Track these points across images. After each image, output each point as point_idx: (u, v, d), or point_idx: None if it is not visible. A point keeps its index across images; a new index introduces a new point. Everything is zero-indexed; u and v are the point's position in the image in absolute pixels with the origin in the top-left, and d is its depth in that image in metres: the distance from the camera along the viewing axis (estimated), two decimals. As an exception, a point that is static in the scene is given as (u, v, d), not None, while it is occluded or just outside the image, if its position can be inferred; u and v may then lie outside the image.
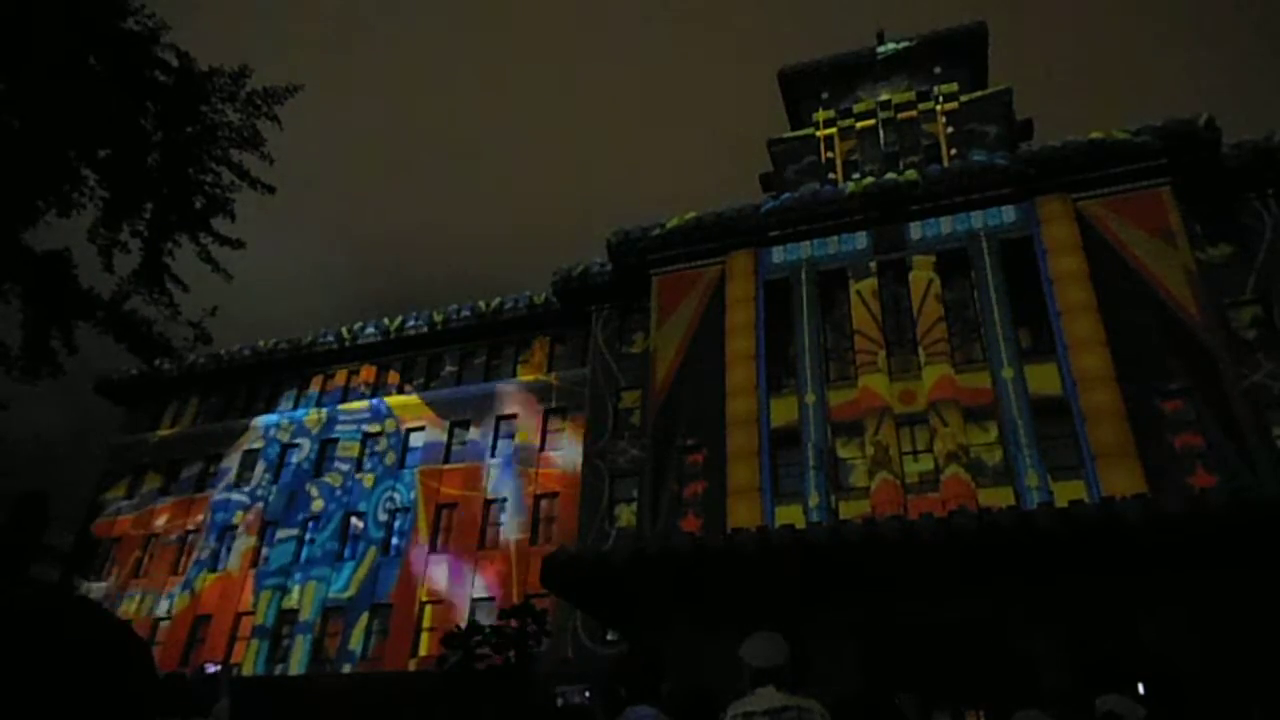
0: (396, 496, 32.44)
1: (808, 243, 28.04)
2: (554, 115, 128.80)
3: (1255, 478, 19.78)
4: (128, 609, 32.49)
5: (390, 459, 33.60)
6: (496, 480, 31.30)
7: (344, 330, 37.28)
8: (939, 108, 30.04)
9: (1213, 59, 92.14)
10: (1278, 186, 25.04)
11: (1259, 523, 14.23)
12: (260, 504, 34.52)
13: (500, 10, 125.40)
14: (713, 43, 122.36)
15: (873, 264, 27.06)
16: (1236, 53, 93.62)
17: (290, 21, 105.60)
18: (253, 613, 31.76)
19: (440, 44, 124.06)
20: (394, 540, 31.59)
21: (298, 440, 35.73)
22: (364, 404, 35.57)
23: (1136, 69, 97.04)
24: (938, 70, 30.99)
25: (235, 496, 35.20)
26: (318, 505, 33.49)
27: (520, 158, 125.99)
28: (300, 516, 33.51)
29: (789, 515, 23.22)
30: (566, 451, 30.60)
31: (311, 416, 36.15)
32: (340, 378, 37.13)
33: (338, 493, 33.49)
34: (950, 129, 29.45)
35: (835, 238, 27.77)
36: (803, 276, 27.59)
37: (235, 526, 34.37)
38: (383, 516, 32.19)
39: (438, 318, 35.67)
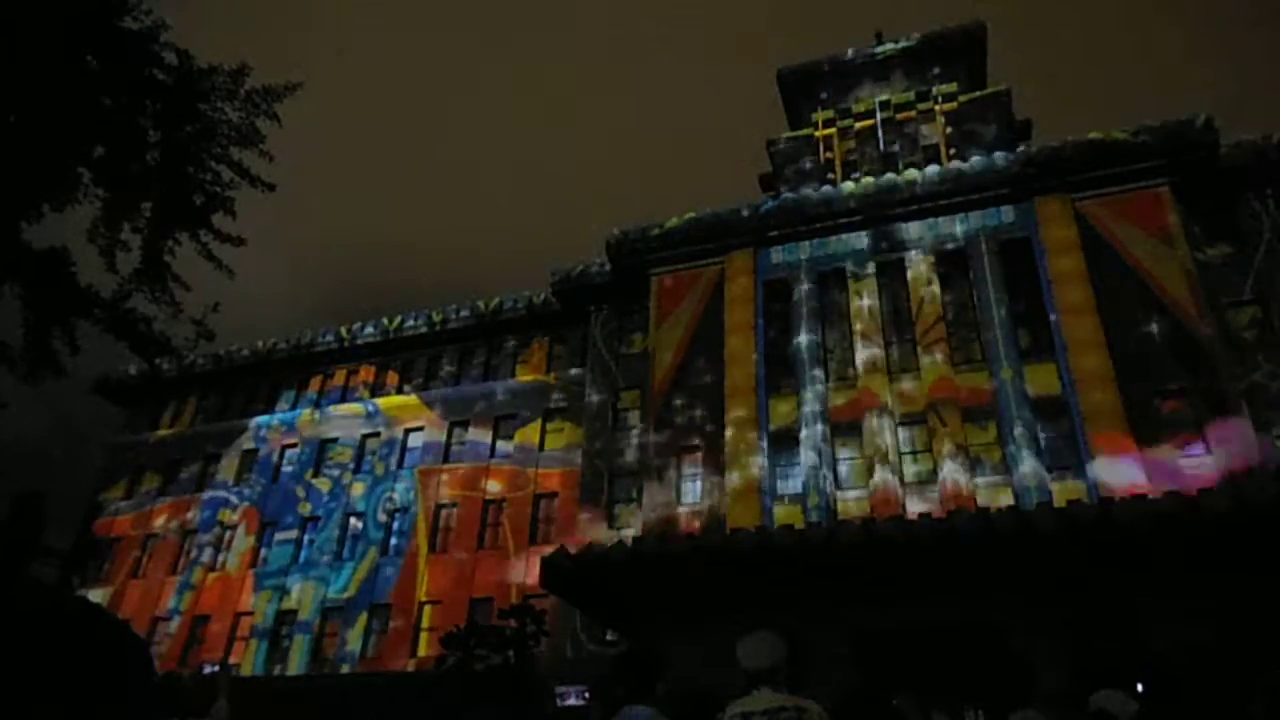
0: (395, 496, 32.42)
1: (807, 243, 28.05)
2: (552, 116, 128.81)
3: (1253, 478, 19.78)
4: (126, 609, 32.45)
5: (389, 459, 33.59)
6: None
7: (343, 330, 37.26)
8: (938, 108, 30.03)
9: (1211, 59, 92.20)
10: (1276, 187, 25.06)
11: (1257, 523, 14.25)
12: (258, 504, 34.50)
13: (498, 10, 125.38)
14: (712, 43, 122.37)
15: (871, 264, 27.06)
16: (1235, 53, 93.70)
17: (288, 22, 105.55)
18: (251, 613, 31.74)
19: (438, 44, 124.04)
20: (393, 540, 31.57)
21: (296, 440, 35.71)
22: (362, 404, 35.56)
23: (1135, 69, 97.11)
24: (936, 70, 31.00)
25: (234, 497, 35.17)
26: (316, 505, 33.47)
27: (518, 158, 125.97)
28: (299, 517, 33.48)
29: (788, 515, 23.23)
30: (566, 452, 30.58)
31: (310, 416, 36.13)
32: (339, 378, 37.10)
33: (336, 493, 33.47)
34: (949, 129, 29.46)
35: (834, 238, 27.77)
36: (802, 276, 27.60)
37: (234, 527, 34.35)
38: (381, 517, 32.17)
39: (437, 318, 35.66)
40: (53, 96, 6.60)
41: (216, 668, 28.91)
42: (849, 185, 28.09)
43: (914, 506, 22.03)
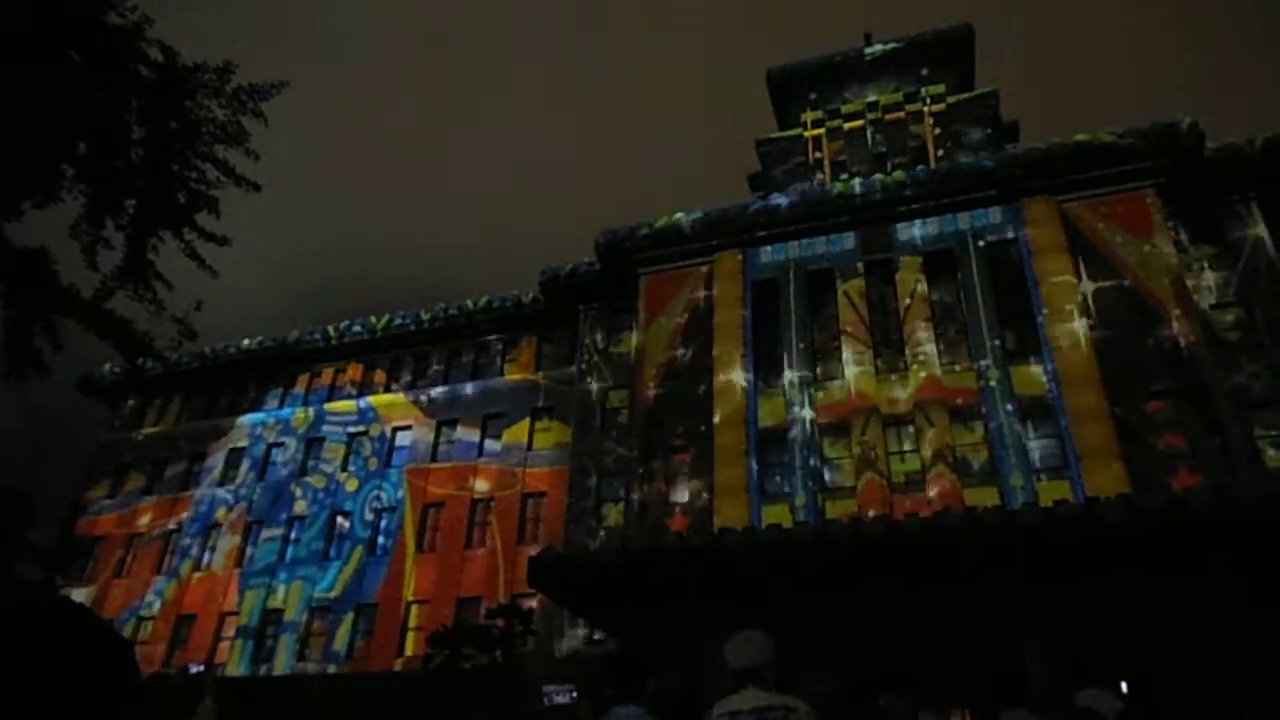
0: (383, 496, 32.31)
1: (795, 243, 28.11)
2: (543, 116, 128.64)
3: (1237, 478, 19.95)
4: (110, 609, 32.21)
5: (377, 458, 33.46)
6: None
7: (330, 329, 37.09)
8: (926, 109, 30.16)
9: (1197, 62, 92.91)
10: (1260, 189, 25.26)
11: (1241, 522, 14.35)
12: (245, 503, 34.31)
13: (489, 9, 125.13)
14: (701, 43, 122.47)
15: (860, 264, 27.15)
16: (1220, 56, 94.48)
17: (278, 17, 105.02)
18: (237, 613, 31.56)
19: (431, 44, 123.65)
20: (380, 540, 31.46)
21: (283, 439, 35.53)
22: (350, 403, 35.41)
23: (1122, 71, 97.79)
24: (925, 72, 31.13)
25: (220, 496, 34.97)
26: (303, 504, 33.31)
27: (507, 158, 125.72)
28: (285, 516, 33.31)
29: (776, 515, 23.28)
30: (554, 451, 30.54)
31: (297, 415, 35.96)
32: (327, 376, 36.94)
33: (323, 492, 33.32)
34: (937, 130, 29.59)
35: (823, 238, 27.85)
36: (790, 277, 27.66)
37: (219, 526, 34.15)
38: (369, 516, 32.05)
39: (425, 316, 35.55)
40: (36, 92, 6.54)
41: (202, 668, 28.72)
42: (838, 186, 28.19)
43: (901, 506, 22.10)
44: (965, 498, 22.13)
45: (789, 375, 26.17)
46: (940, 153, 28.99)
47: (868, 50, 32.19)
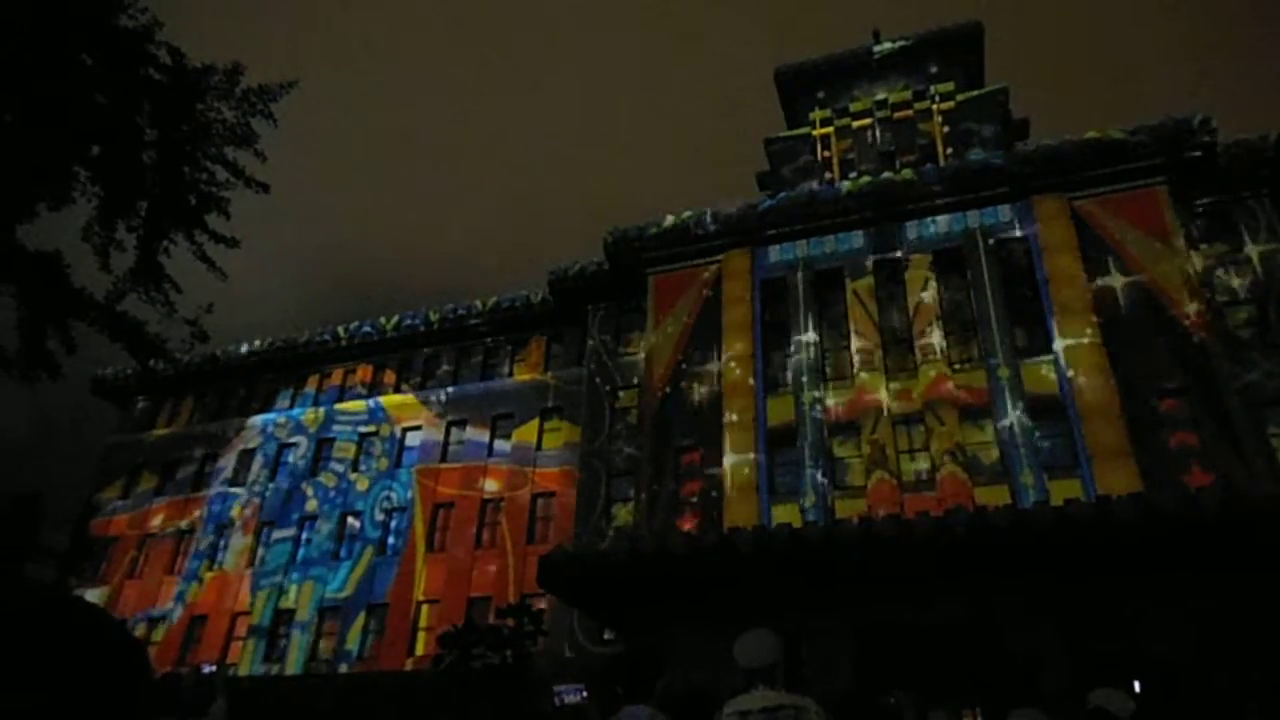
0: (393, 496, 32.38)
1: (804, 242, 28.03)
2: (551, 116, 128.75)
3: (1250, 476, 19.82)
4: (123, 609, 32.38)
5: (387, 458, 33.55)
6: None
7: (340, 329, 37.20)
8: (935, 107, 30.04)
9: (1209, 59, 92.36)
10: (1272, 186, 25.08)
11: (1253, 522, 14.27)
12: (256, 504, 34.44)
13: (496, 11, 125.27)
14: (709, 42, 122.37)
15: (869, 263, 27.06)
16: (1232, 53, 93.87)
17: (282, 19, 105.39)
18: (249, 613, 31.70)
19: (437, 44, 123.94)
20: (390, 540, 31.53)
21: (294, 440, 35.65)
22: (360, 403, 35.49)
23: (1132, 68, 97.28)
24: (934, 69, 31.02)
25: (231, 496, 35.12)
26: (314, 505, 33.42)
27: (517, 159, 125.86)
28: (296, 516, 33.43)
29: (786, 514, 23.24)
30: (563, 451, 30.56)
31: (308, 416, 36.07)
32: (336, 377, 37.05)
33: (334, 492, 33.42)
34: (946, 128, 29.47)
35: (831, 237, 27.76)
36: (799, 276, 27.59)
37: (231, 526, 34.30)
38: (379, 516, 32.13)
39: (434, 317, 35.62)
40: (49, 95, 6.58)
41: (214, 668, 28.85)
42: (846, 184, 28.09)
43: (911, 506, 22.03)
44: (976, 497, 22.04)
45: (798, 374, 26.11)
46: (949, 150, 28.89)
47: (876, 48, 32.09)
